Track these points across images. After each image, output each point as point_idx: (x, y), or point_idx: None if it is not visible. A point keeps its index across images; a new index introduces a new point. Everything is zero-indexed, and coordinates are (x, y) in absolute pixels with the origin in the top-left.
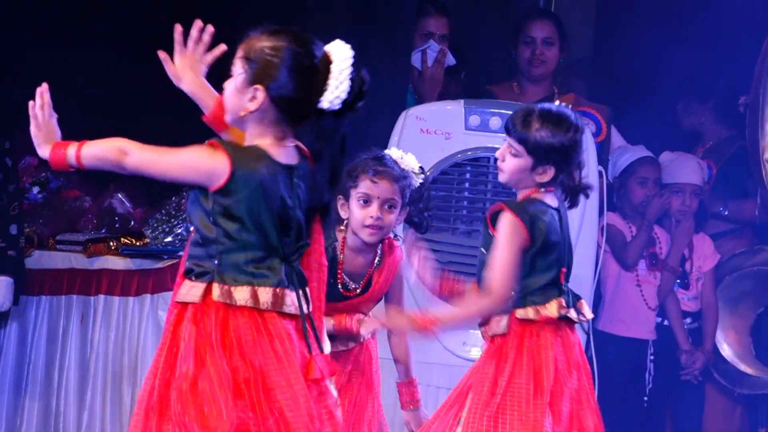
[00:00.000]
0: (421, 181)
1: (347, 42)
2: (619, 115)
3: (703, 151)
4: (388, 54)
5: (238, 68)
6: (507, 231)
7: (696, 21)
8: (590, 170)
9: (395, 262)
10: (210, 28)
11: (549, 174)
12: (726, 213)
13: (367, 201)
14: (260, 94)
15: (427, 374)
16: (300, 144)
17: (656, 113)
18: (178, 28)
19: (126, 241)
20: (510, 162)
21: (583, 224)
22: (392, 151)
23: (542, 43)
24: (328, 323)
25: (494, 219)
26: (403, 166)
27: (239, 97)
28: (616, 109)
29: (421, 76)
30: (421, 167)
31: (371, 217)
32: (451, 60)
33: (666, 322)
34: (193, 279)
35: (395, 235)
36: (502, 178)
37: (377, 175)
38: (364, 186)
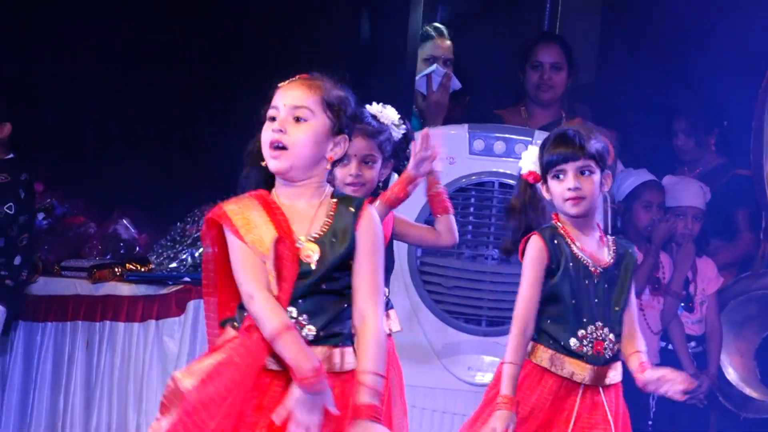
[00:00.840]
0: (403, 131)
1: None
2: (622, 139)
3: (691, 176)
4: (392, 78)
5: (319, 115)
6: None
7: (697, 47)
8: None
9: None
10: None
11: (610, 180)
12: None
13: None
14: (346, 143)
15: (431, 399)
16: None
17: (659, 137)
18: None
19: (131, 267)
20: (589, 183)
21: None
22: (372, 106)
23: (550, 68)
24: None
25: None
26: (382, 119)
27: (320, 146)
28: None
29: (426, 101)
30: (401, 117)
31: (350, 175)
32: (456, 84)
33: (670, 347)
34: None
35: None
36: (582, 206)
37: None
38: None
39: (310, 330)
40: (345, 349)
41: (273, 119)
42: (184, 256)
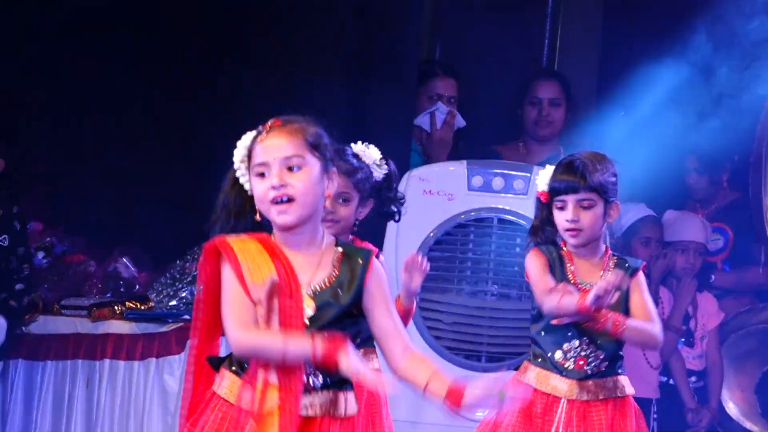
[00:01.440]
0: (385, 172)
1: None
2: (623, 171)
3: (704, 213)
4: (390, 115)
5: (309, 158)
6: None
7: (694, 83)
8: None
9: None
10: None
11: (617, 210)
12: (713, 280)
13: None
14: (336, 175)
15: None
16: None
17: (659, 172)
18: None
19: (131, 305)
20: (588, 216)
21: None
22: (355, 145)
23: (549, 104)
24: None
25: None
26: (363, 158)
27: (320, 188)
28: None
29: (430, 138)
30: (382, 158)
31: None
32: (460, 122)
33: (671, 381)
34: None
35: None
36: (581, 238)
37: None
38: None
39: (318, 378)
40: (348, 394)
41: (262, 175)
42: (183, 294)
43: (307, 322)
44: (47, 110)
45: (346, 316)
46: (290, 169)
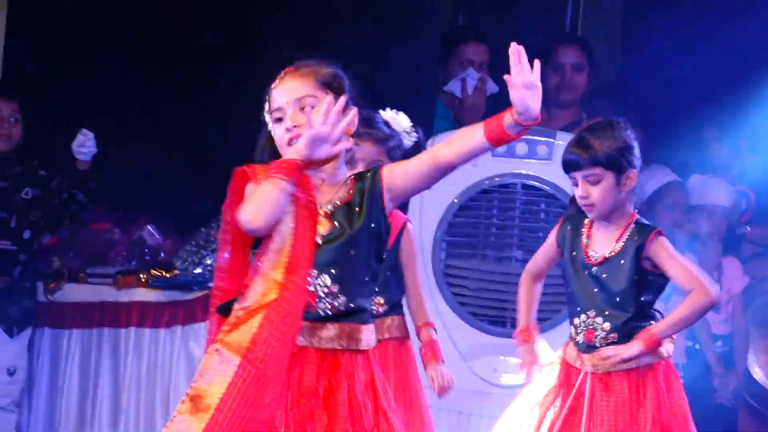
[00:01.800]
0: (414, 139)
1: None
2: (646, 138)
3: (727, 178)
4: (413, 80)
5: (322, 98)
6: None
7: (723, 39)
8: None
9: (396, 224)
10: None
11: (633, 177)
12: (748, 230)
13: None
14: (356, 113)
15: (457, 401)
16: None
17: (685, 134)
18: None
19: (156, 272)
20: (597, 190)
21: None
22: (385, 112)
23: (571, 69)
24: None
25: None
26: (394, 126)
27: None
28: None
29: (462, 104)
30: (413, 125)
31: None
32: (493, 87)
33: (697, 346)
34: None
35: None
36: (596, 212)
37: (360, 138)
38: None
39: (341, 301)
40: (369, 326)
41: (280, 119)
42: (208, 262)
43: (319, 241)
44: (48, 110)
45: (370, 234)
46: (303, 110)
